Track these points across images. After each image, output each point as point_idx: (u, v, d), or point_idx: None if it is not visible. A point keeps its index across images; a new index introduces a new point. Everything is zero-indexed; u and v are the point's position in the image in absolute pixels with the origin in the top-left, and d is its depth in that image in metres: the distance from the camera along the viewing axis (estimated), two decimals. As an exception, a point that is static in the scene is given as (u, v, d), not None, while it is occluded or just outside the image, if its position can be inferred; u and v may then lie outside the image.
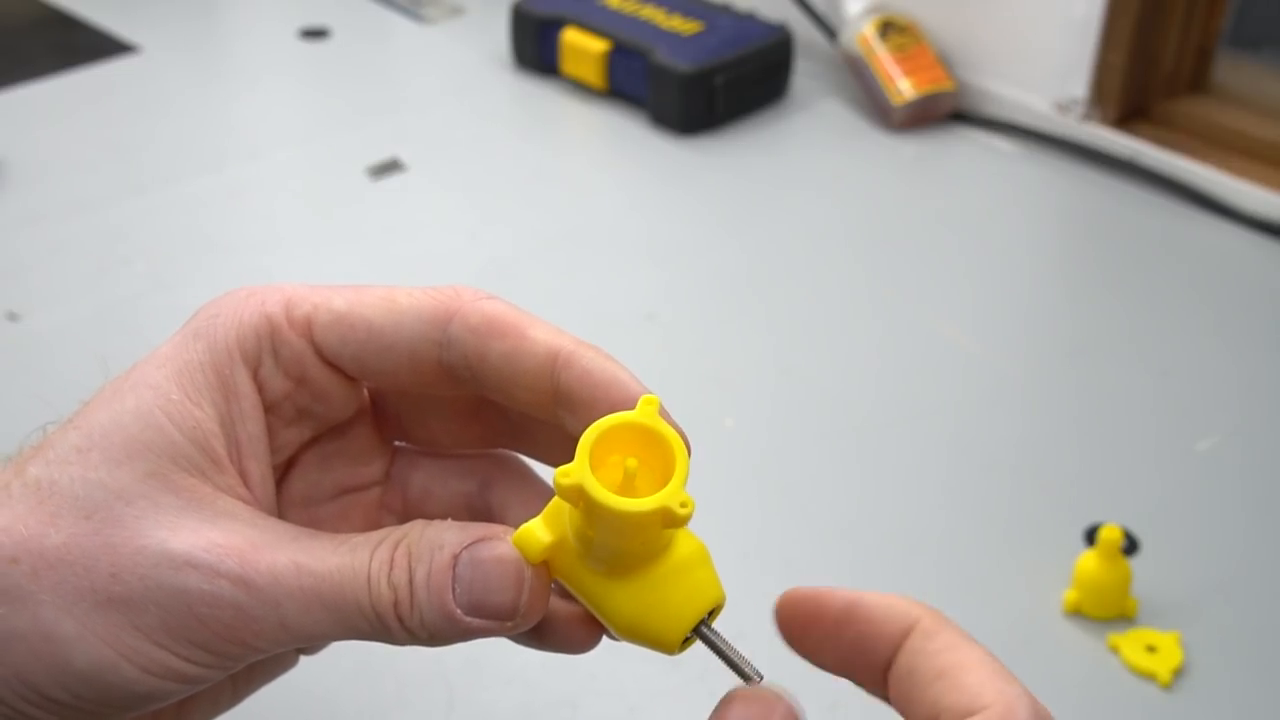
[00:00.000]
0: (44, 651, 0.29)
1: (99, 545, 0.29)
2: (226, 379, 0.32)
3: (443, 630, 0.31)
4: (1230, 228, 1.13)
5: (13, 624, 0.29)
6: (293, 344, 0.33)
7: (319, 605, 0.30)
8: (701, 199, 1.19)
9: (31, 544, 0.29)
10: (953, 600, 0.81)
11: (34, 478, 0.30)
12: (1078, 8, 1.19)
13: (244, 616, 0.29)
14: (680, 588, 0.31)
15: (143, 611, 0.29)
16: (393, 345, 0.33)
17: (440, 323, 0.33)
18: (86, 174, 1.20)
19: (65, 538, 0.29)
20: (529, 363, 0.33)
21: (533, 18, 1.34)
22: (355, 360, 0.33)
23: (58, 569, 0.29)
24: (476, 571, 0.31)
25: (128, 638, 0.29)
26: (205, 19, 1.52)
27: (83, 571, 0.29)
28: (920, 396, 0.95)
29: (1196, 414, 0.92)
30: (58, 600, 0.29)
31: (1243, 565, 0.80)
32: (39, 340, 0.98)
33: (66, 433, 0.32)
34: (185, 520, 0.30)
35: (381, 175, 1.20)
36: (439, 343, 0.33)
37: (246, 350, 0.33)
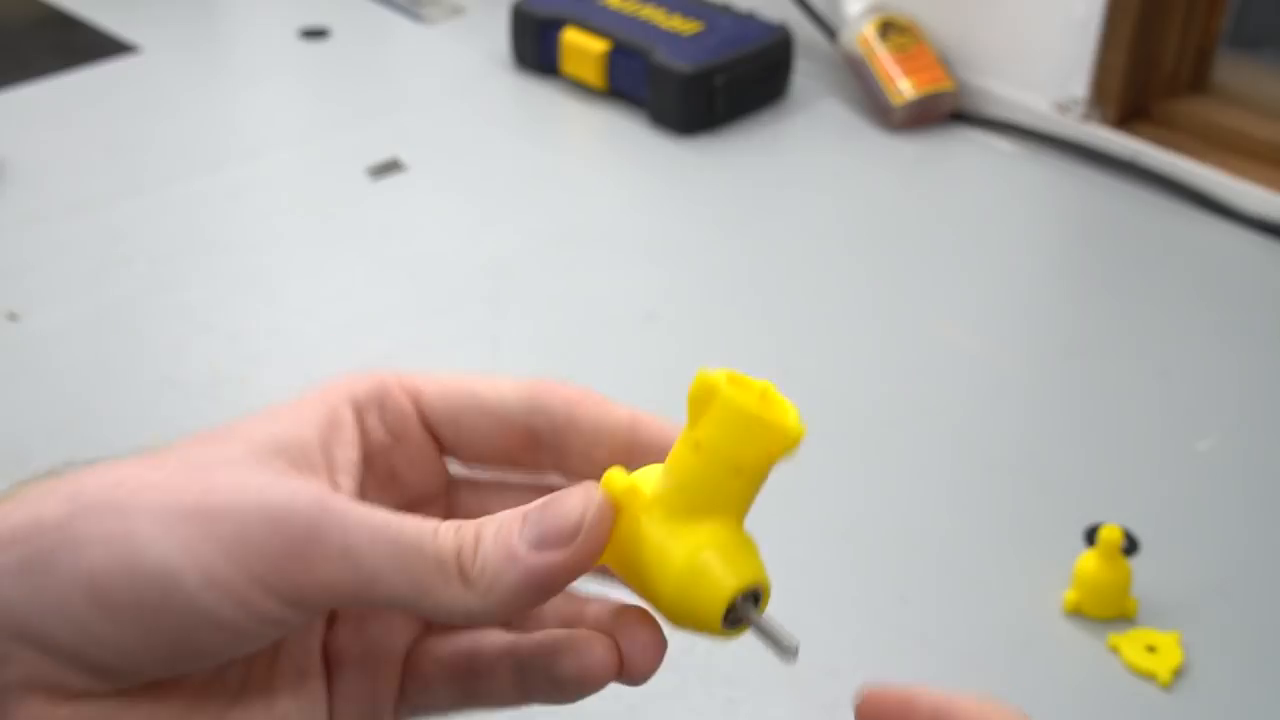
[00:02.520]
0: (121, 550, 0.31)
1: (197, 477, 0.32)
2: (333, 412, 0.36)
3: (501, 572, 0.32)
4: (1230, 228, 1.13)
5: (103, 526, 0.31)
6: (399, 402, 0.37)
7: (385, 540, 0.31)
8: (701, 199, 1.19)
9: (135, 472, 0.32)
10: (953, 600, 0.81)
11: (145, 453, 0.33)
12: (1078, 8, 1.19)
13: (315, 532, 0.31)
14: (740, 553, 0.33)
15: (221, 522, 0.31)
16: (491, 410, 0.37)
17: (535, 395, 0.37)
18: (86, 174, 1.20)
19: (167, 472, 0.32)
20: (612, 422, 0.37)
21: (533, 18, 1.34)
22: (453, 422, 0.37)
23: (155, 490, 0.31)
24: (544, 511, 0.32)
25: (201, 545, 0.31)
26: (205, 19, 1.52)
27: (179, 491, 0.31)
28: (920, 396, 0.95)
29: (1196, 414, 0.92)
30: (148, 512, 0.31)
31: (1243, 565, 0.80)
32: (39, 340, 0.98)
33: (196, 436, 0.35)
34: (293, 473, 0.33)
35: (381, 175, 1.20)
36: (531, 409, 0.37)
37: (357, 399, 0.36)
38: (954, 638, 0.75)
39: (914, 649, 0.75)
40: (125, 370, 0.96)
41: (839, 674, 0.72)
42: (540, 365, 0.98)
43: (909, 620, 0.76)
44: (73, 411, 0.91)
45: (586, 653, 0.34)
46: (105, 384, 0.94)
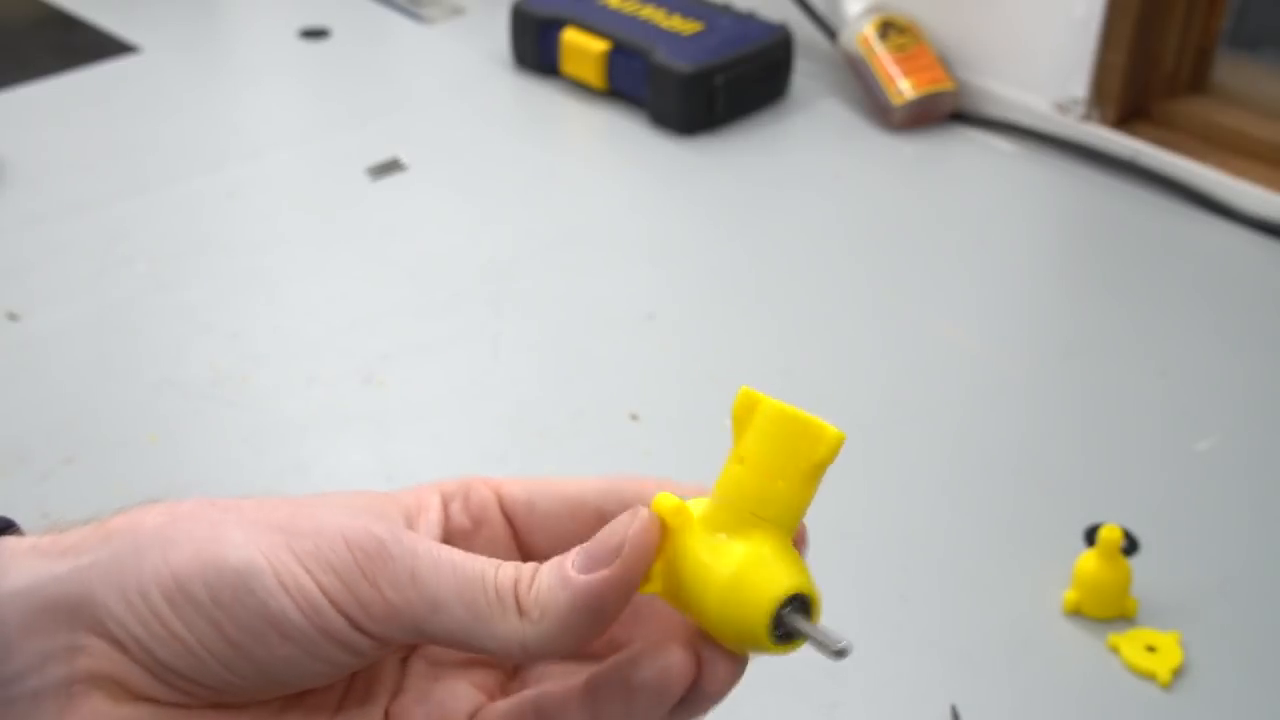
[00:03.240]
0: (206, 550, 0.32)
1: (286, 507, 0.34)
2: (422, 500, 0.38)
3: (554, 598, 0.33)
4: (1230, 228, 1.13)
5: (194, 531, 0.33)
6: (482, 492, 0.39)
7: (449, 569, 0.33)
8: (701, 199, 1.19)
9: (231, 500, 0.34)
10: (953, 600, 0.81)
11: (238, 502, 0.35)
12: (1078, 8, 1.19)
13: (384, 553, 0.33)
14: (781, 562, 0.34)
15: (303, 538, 0.33)
16: (566, 496, 0.38)
17: (611, 484, 0.38)
18: (87, 174, 1.20)
19: (260, 501, 0.34)
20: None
21: (533, 18, 1.34)
22: (528, 505, 0.39)
23: (245, 510, 0.33)
24: (594, 538, 0.34)
25: (280, 552, 0.32)
26: (205, 19, 1.52)
27: (268, 511, 0.33)
28: (920, 396, 0.95)
29: (1196, 414, 0.92)
30: (237, 523, 0.33)
31: (1243, 565, 0.80)
32: (39, 340, 0.98)
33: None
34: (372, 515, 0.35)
35: (381, 175, 1.20)
36: (605, 495, 0.38)
37: (445, 491, 0.39)
38: (954, 638, 0.76)
39: (914, 649, 0.75)
40: (125, 370, 0.96)
41: (839, 674, 0.72)
42: (540, 365, 0.98)
43: (909, 620, 0.76)
44: (73, 411, 0.91)
45: (665, 657, 0.34)
46: (105, 384, 0.94)
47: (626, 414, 0.91)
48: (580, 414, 0.92)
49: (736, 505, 0.34)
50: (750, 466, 0.34)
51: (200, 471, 0.85)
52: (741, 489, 0.34)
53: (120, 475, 0.85)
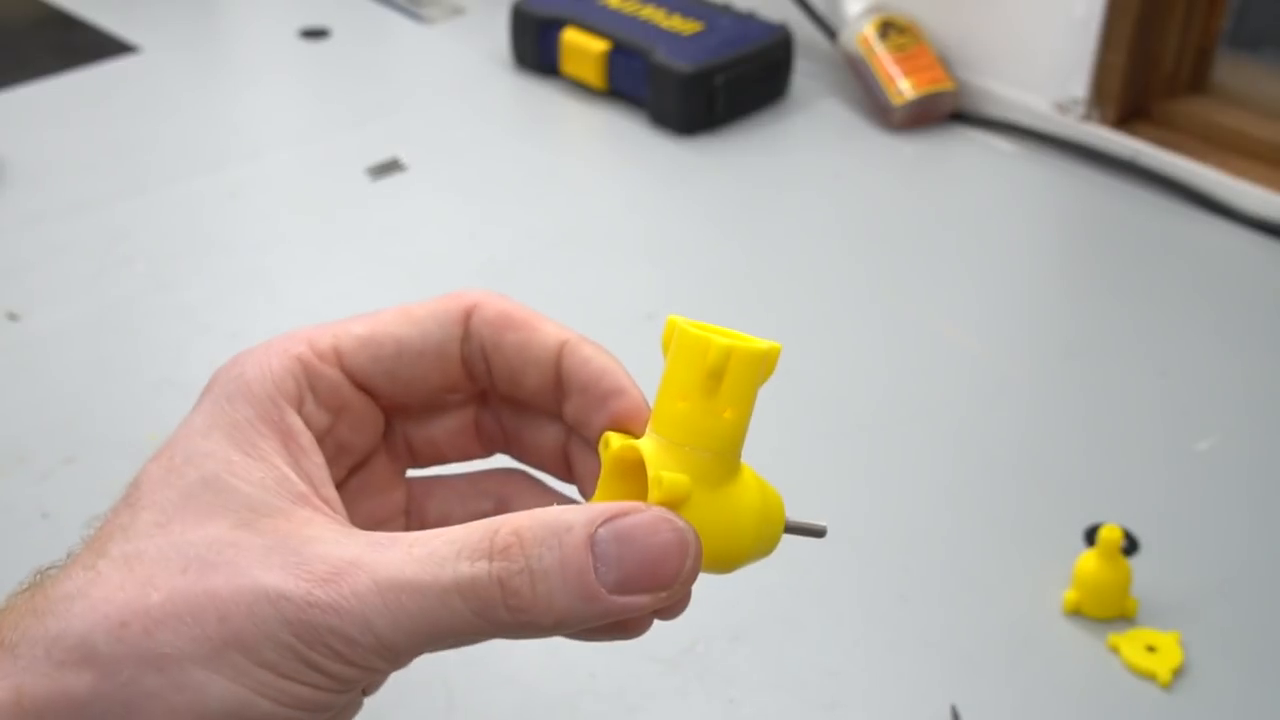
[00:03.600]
0: (179, 702, 0.29)
1: (200, 593, 0.29)
2: (278, 424, 0.33)
3: (577, 613, 0.30)
4: (1230, 228, 1.13)
5: (142, 684, 0.29)
6: (328, 376, 0.35)
7: (406, 617, 0.30)
8: (701, 199, 1.19)
9: (135, 605, 0.29)
10: (953, 600, 0.81)
11: (120, 553, 0.30)
12: (1078, 8, 1.19)
13: (344, 639, 0.30)
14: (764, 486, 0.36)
15: (259, 648, 0.29)
16: (422, 351, 0.35)
17: (459, 321, 0.35)
18: (86, 174, 1.20)
19: (166, 594, 0.29)
20: (538, 351, 0.35)
21: (533, 18, 1.34)
22: (387, 375, 0.35)
23: (167, 624, 0.29)
24: (624, 547, 0.30)
25: (255, 674, 0.29)
26: (205, 19, 1.52)
27: (191, 621, 0.29)
28: (920, 396, 0.95)
29: (1196, 414, 0.92)
30: (178, 652, 0.29)
31: (1243, 565, 0.80)
32: (39, 340, 0.98)
33: (137, 513, 0.32)
34: (273, 557, 0.30)
35: (381, 175, 1.20)
36: (460, 338, 0.35)
37: (287, 393, 0.34)
38: (954, 637, 0.75)
39: (914, 649, 0.75)
40: (125, 370, 0.96)
41: (839, 674, 0.72)
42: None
43: (909, 620, 0.76)
44: (73, 411, 0.91)
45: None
46: (105, 384, 0.94)
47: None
48: (580, 414, 0.92)
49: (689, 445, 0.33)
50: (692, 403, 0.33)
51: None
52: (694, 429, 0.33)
53: (120, 475, 0.84)
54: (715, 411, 0.33)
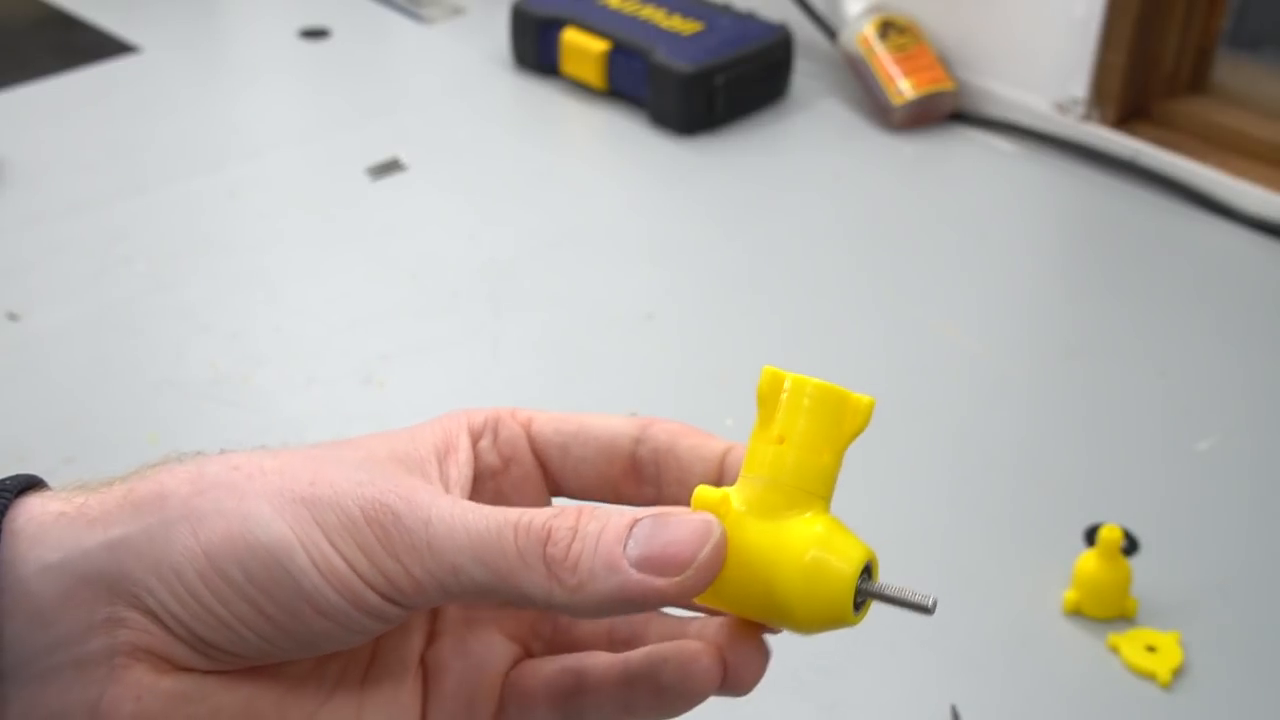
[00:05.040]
0: (237, 528, 0.32)
1: (308, 466, 0.34)
2: (451, 436, 0.37)
3: (598, 579, 0.32)
4: (1230, 228, 1.13)
5: (221, 504, 0.33)
6: (512, 429, 0.39)
7: (463, 533, 0.32)
8: (701, 199, 1.19)
9: (254, 460, 0.34)
10: (953, 600, 0.81)
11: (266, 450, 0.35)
12: (1078, 8, 1.19)
13: (400, 526, 0.32)
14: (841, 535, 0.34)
15: (327, 511, 0.33)
16: (598, 437, 0.39)
17: (640, 427, 0.39)
18: (86, 174, 1.20)
19: (282, 462, 0.34)
20: (706, 452, 0.38)
21: (533, 18, 1.34)
22: (562, 449, 0.39)
23: (269, 476, 0.33)
24: (656, 528, 0.32)
25: (308, 529, 0.32)
26: (205, 19, 1.52)
27: (290, 478, 0.33)
28: (920, 396, 0.95)
29: (1196, 414, 0.92)
30: (263, 492, 0.33)
31: (1243, 565, 0.80)
32: (39, 340, 0.98)
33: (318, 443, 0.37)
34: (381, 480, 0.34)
35: (381, 175, 1.20)
36: (636, 439, 0.39)
37: (473, 426, 0.38)
38: (954, 638, 0.76)
39: (914, 649, 0.75)
40: (125, 370, 0.96)
41: (839, 674, 0.73)
42: (540, 365, 0.98)
43: (909, 620, 0.76)
44: (73, 411, 0.91)
45: (692, 662, 0.34)
46: (105, 384, 0.94)
47: (626, 413, 0.91)
48: (580, 414, 0.92)
49: (783, 484, 0.34)
50: (792, 444, 0.34)
51: (200, 471, 0.85)
52: (785, 467, 0.34)
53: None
54: (768, 438, 0.34)
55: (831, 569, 0.33)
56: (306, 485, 0.33)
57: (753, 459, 0.34)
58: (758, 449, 0.34)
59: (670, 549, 0.32)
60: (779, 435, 0.34)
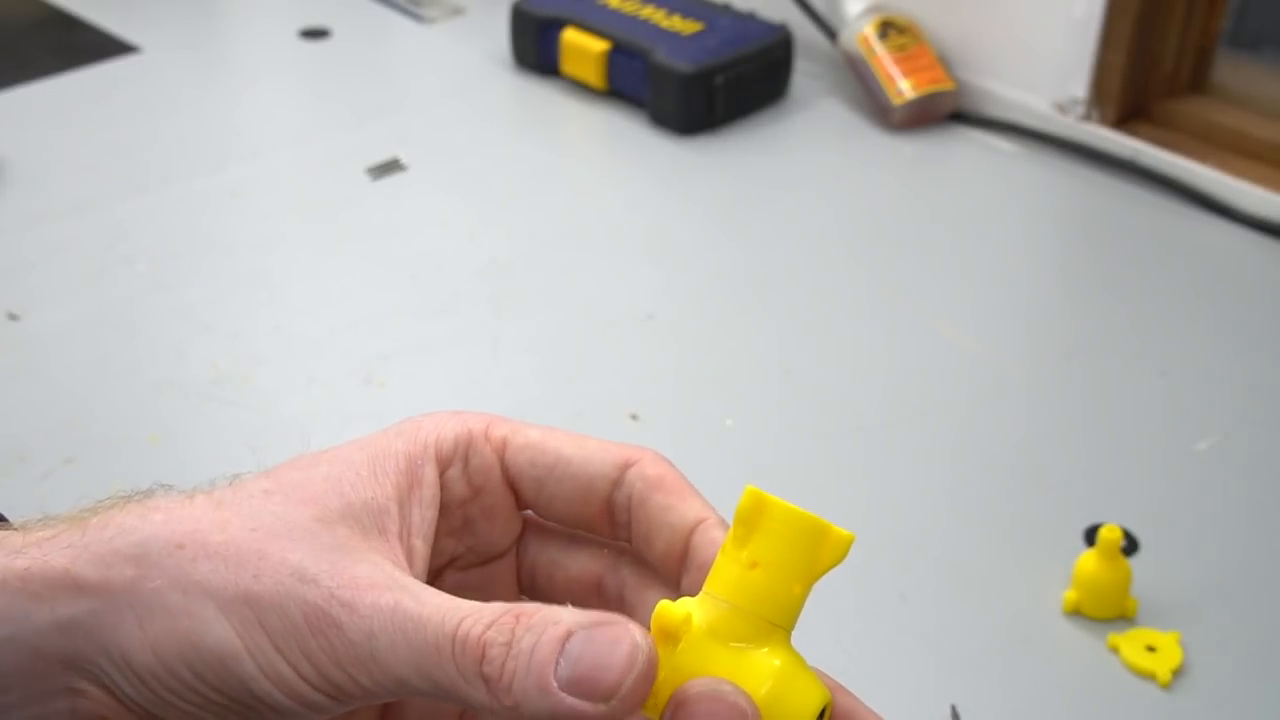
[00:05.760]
0: (182, 626, 0.32)
1: (252, 551, 0.33)
2: (416, 468, 0.36)
3: (531, 701, 0.31)
4: (1230, 228, 1.13)
5: (165, 597, 0.32)
6: (484, 456, 0.37)
7: (404, 643, 0.32)
8: (701, 199, 1.19)
9: (199, 536, 0.33)
10: (953, 600, 0.81)
11: (220, 497, 0.34)
12: (1078, 8, 1.19)
13: (343, 639, 0.32)
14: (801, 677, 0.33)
15: (270, 614, 0.32)
16: (575, 475, 0.37)
17: (620, 466, 0.37)
18: (87, 174, 1.20)
19: (227, 538, 0.33)
20: (675, 519, 0.37)
21: (533, 18, 1.34)
22: (535, 483, 0.37)
23: (213, 560, 0.33)
24: (587, 647, 0.31)
25: (254, 634, 0.32)
26: (205, 19, 1.52)
27: (234, 567, 0.32)
28: (920, 396, 0.95)
29: (1196, 414, 0.92)
30: (207, 586, 0.32)
31: (1243, 565, 0.80)
32: (39, 340, 0.98)
33: (259, 479, 0.36)
34: (330, 555, 0.33)
35: (381, 175, 1.20)
36: (614, 481, 0.37)
37: (442, 451, 0.37)
38: (954, 637, 0.76)
39: (914, 649, 0.75)
40: (125, 370, 0.96)
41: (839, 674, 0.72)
42: (540, 365, 0.98)
43: (909, 620, 0.76)
44: (73, 411, 0.91)
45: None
46: (105, 384, 0.94)
47: (626, 414, 0.91)
48: (580, 414, 0.92)
49: (748, 612, 0.32)
50: (764, 571, 0.33)
51: (200, 471, 0.85)
52: (755, 594, 0.32)
53: (120, 475, 0.85)
54: (740, 560, 0.33)
55: (786, 709, 0.32)
56: (250, 579, 0.32)
57: (720, 577, 0.33)
58: (727, 569, 0.33)
59: (596, 673, 0.31)
60: (752, 560, 0.33)
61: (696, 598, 0.33)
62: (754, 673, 0.32)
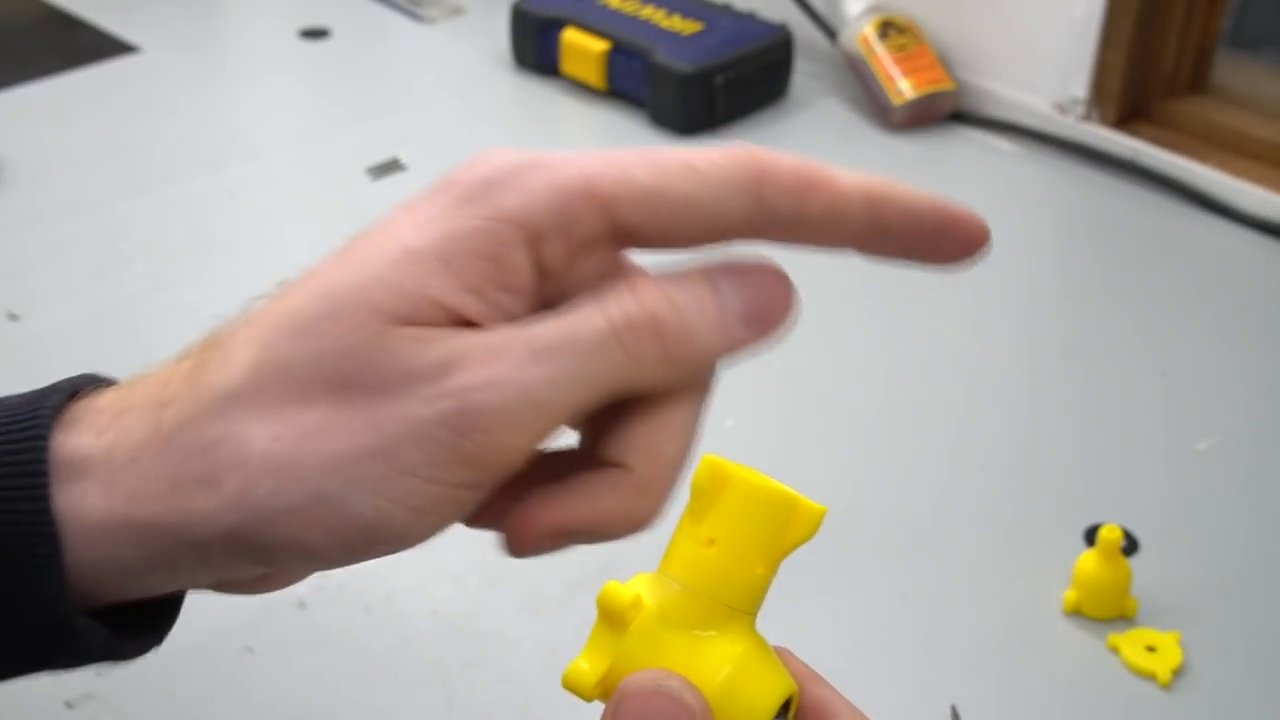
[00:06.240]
0: (316, 515, 0.29)
1: (355, 409, 0.29)
2: (500, 259, 0.30)
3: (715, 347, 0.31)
4: (1230, 228, 1.13)
5: (283, 498, 0.29)
6: (589, 225, 0.31)
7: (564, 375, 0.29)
8: (701, 199, 1.19)
9: (291, 420, 0.29)
10: (953, 600, 0.81)
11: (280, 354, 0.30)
12: (1078, 8, 1.19)
13: (502, 417, 0.29)
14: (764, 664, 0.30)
15: (406, 453, 0.29)
16: (709, 215, 0.32)
17: (753, 189, 0.32)
18: (86, 174, 1.20)
19: (322, 410, 0.29)
20: (846, 210, 0.34)
21: (533, 18, 1.34)
22: (661, 232, 0.32)
23: (317, 438, 0.29)
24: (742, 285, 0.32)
25: (398, 483, 0.29)
26: (205, 19, 1.52)
27: (344, 434, 0.29)
28: (920, 396, 0.95)
29: (1196, 414, 0.92)
30: (322, 466, 0.29)
31: (1243, 565, 0.80)
32: (39, 340, 0.98)
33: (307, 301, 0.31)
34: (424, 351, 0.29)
35: (381, 175, 1.20)
36: (753, 209, 0.32)
37: (536, 227, 0.30)
38: (954, 637, 0.76)
39: (913, 649, 0.75)
40: (125, 370, 0.95)
41: (839, 674, 0.72)
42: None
43: (908, 620, 0.76)
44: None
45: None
46: (105, 384, 0.94)
47: (626, 414, 0.91)
48: (580, 414, 0.92)
49: (704, 594, 0.30)
50: (722, 550, 0.30)
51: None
52: (711, 575, 0.30)
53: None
54: (695, 537, 0.30)
55: (743, 700, 0.29)
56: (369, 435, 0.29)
57: (674, 556, 0.30)
58: (682, 546, 0.30)
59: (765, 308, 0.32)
60: (709, 537, 0.30)
61: (651, 576, 0.30)
62: (708, 662, 0.29)
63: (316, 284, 0.31)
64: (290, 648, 0.73)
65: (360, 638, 0.74)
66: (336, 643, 0.73)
